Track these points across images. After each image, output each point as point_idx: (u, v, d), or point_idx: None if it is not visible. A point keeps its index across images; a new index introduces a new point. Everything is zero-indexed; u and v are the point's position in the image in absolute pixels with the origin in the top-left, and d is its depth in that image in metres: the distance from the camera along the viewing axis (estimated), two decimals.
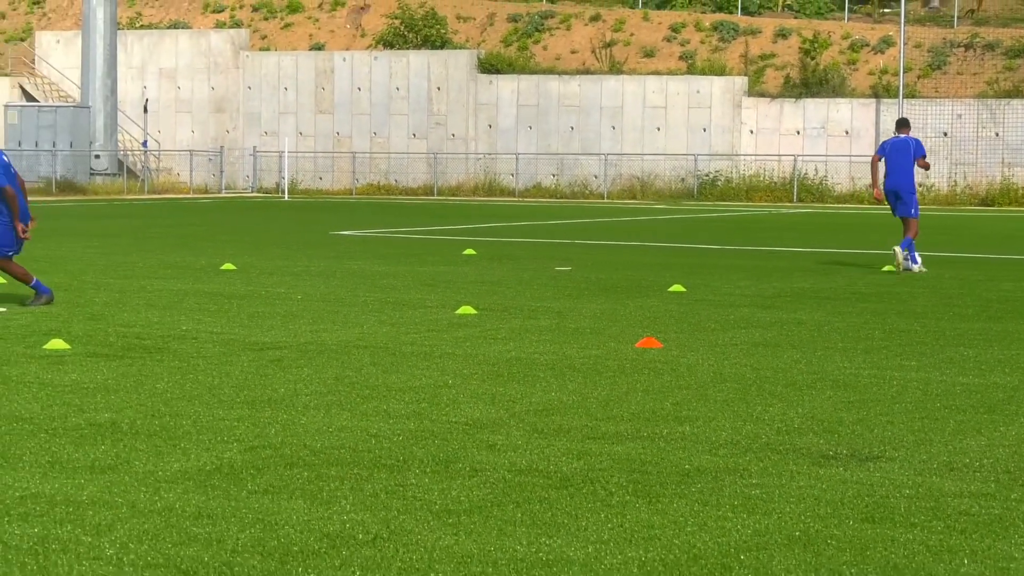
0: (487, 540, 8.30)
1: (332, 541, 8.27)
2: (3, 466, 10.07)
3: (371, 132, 63.99)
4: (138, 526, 8.53)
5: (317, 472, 9.98)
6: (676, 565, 7.83)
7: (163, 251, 30.62)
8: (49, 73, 65.50)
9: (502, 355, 15.66)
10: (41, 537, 8.27)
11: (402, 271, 26.02)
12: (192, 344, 16.26)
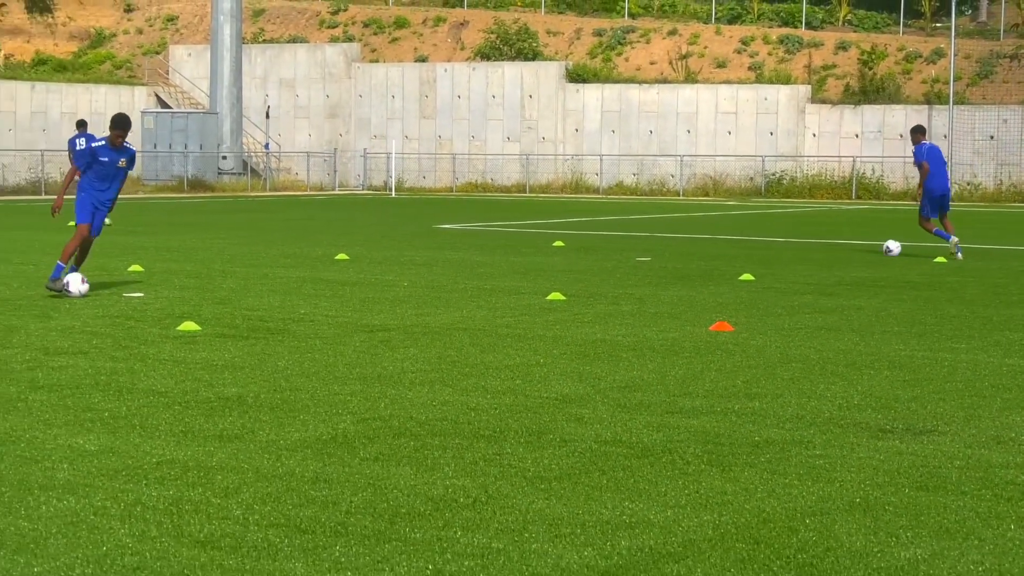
0: (575, 504, 8.29)
1: (436, 504, 8.29)
2: (141, 435, 10.15)
3: (469, 135, 64.04)
4: (262, 489, 8.57)
5: (422, 442, 10.00)
6: (747, 528, 7.81)
7: (283, 242, 30.76)
8: (181, 83, 65.89)
9: (588, 337, 15.64)
10: (175, 498, 8.33)
11: (497, 261, 26.02)
12: (310, 326, 16.33)
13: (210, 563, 7.08)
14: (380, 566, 7.06)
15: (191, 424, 10.55)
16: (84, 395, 11.70)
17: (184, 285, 20.64)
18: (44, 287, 19.07)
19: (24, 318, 16.71)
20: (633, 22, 66.31)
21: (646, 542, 7.53)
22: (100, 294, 19.39)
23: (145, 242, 29.86)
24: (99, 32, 68.45)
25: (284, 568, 7.01)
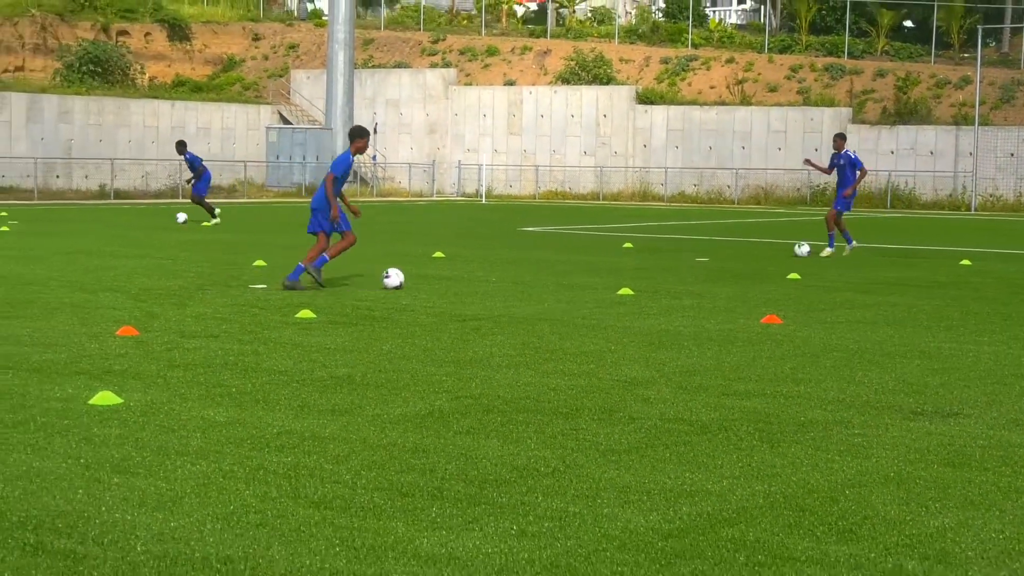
0: (642, 474, 8.27)
1: (520, 472, 8.29)
2: (264, 408, 10.20)
3: (551, 150, 64.02)
4: (368, 457, 8.60)
5: (508, 417, 10.00)
6: (793, 497, 7.76)
7: (388, 242, 30.87)
8: (301, 102, 66.24)
9: (653, 327, 15.59)
10: (293, 464, 8.37)
11: (574, 260, 26.00)
12: (410, 315, 16.36)
13: (323, 521, 7.11)
14: (471, 526, 7.06)
15: (307, 399, 10.60)
16: (215, 373, 11.79)
17: (302, 278, 20.72)
18: (281, 285, 19.19)
19: (164, 306, 16.85)
20: (695, 51, 66.08)
21: (704, 508, 7.51)
22: (230, 286, 19.52)
23: (268, 240, 30.06)
24: (230, 58, 68.90)
25: (387, 527, 7.02)
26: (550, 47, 67.80)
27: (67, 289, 18.60)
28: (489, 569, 6.34)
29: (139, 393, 10.70)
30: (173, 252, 26.03)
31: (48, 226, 34.42)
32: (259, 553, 6.54)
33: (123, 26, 65.64)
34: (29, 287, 18.73)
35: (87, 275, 20.75)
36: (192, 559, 6.42)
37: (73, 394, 10.59)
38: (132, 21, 66.19)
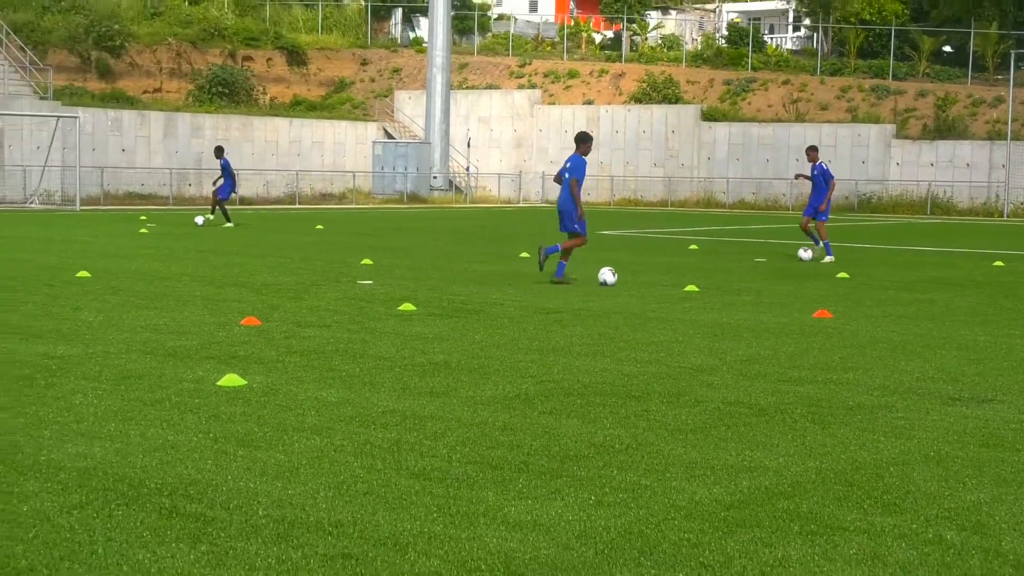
0: (706, 451, 8.25)
1: (597, 448, 8.29)
2: (370, 390, 10.26)
3: (624, 162, 63.85)
4: (462, 434, 8.63)
5: (586, 400, 10.00)
6: (842, 473, 7.71)
7: (479, 243, 30.94)
8: (403, 119, 66.51)
9: (716, 320, 15.52)
10: (396, 440, 8.41)
11: (645, 260, 25.92)
12: (499, 308, 16.39)
13: (422, 490, 7.14)
14: (553, 496, 7.07)
15: (408, 382, 10.65)
16: (327, 358, 11.87)
17: (404, 275, 20.83)
18: (550, 281, 19.65)
19: (283, 299, 16.98)
20: (755, 74, 65.67)
21: (762, 483, 7.47)
22: (340, 282, 19.64)
23: (374, 242, 30.22)
24: (341, 80, 69.30)
25: (479, 496, 7.04)
26: (624, 70, 67.61)
27: (198, 284, 18.80)
28: (570, 534, 6.35)
29: (261, 376, 10.80)
30: (290, 252, 26.24)
31: (181, 229, 34.81)
32: (366, 518, 6.58)
33: (248, 52, 66.18)
34: (165, 282, 18.96)
35: (215, 272, 20.97)
36: (307, 523, 6.48)
37: (203, 376, 10.71)
38: (256, 48, 66.71)
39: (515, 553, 6.04)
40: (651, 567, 5.88)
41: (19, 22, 57.03)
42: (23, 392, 9.85)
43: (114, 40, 60.55)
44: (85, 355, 11.77)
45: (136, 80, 61.47)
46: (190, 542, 6.12)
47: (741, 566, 5.92)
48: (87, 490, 7.01)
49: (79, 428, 8.58)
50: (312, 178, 61.07)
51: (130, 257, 23.71)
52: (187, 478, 7.31)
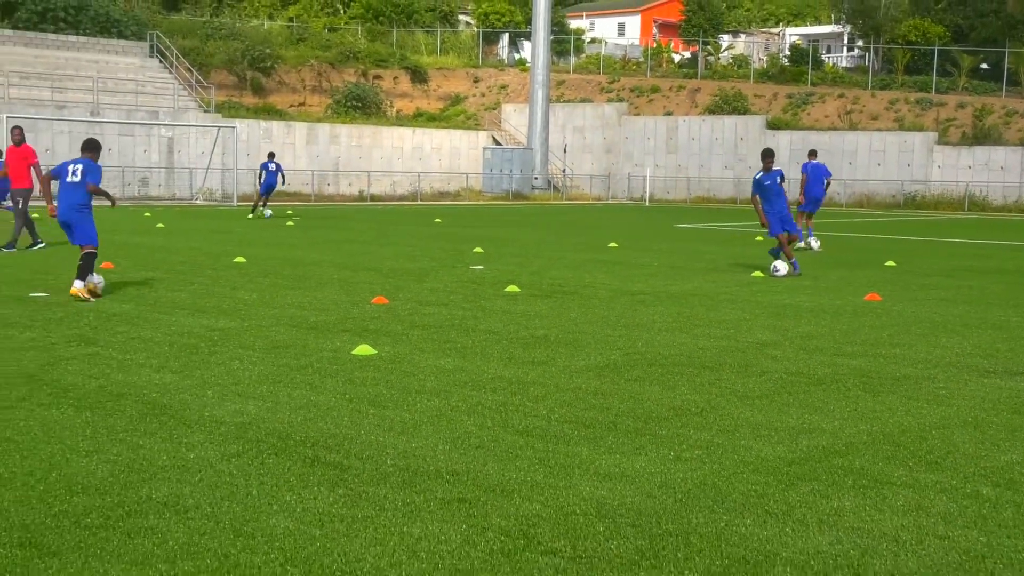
0: (771, 415, 8.17)
1: (676, 411, 8.24)
2: (481, 359, 10.28)
3: (699, 165, 63.28)
4: (559, 398, 8.62)
5: (666, 369, 9.95)
6: (890, 435, 7.60)
7: (574, 235, 30.86)
8: (509, 128, 66.53)
9: (779, 302, 15.34)
10: (503, 402, 8.42)
11: (717, 250, 25.68)
12: (591, 290, 16.35)
13: (526, 446, 7.15)
14: (638, 452, 7.04)
15: (513, 353, 10.66)
16: (445, 332, 11.92)
17: (510, 262, 20.86)
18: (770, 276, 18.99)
19: (407, 281, 17.08)
20: (813, 88, 64.72)
21: (819, 442, 7.39)
22: (455, 267, 19.71)
23: (484, 233, 30.29)
24: (457, 95, 69.47)
25: (574, 451, 7.03)
26: (700, 86, 66.97)
27: (335, 268, 18.98)
28: (652, 485, 6.32)
29: (388, 346, 10.88)
30: (413, 241, 26.39)
31: (321, 222, 35.18)
32: (478, 468, 6.61)
33: (378, 72, 66.54)
34: (308, 267, 19.17)
35: (350, 258, 21.16)
36: (428, 471, 6.52)
37: (340, 346, 10.82)
38: (384, 68, 67.06)
39: (605, 500, 6.03)
40: (723, 514, 5.84)
41: (187, 47, 57.95)
42: (190, 359, 10.03)
43: (266, 62, 61.27)
44: (241, 328, 11.94)
45: (284, 96, 62.14)
46: (329, 486, 6.18)
47: (802, 514, 5.86)
48: (243, 441, 7.12)
49: (236, 389, 8.72)
50: (431, 179, 61.34)
51: (278, 245, 24.01)
52: (326, 432, 7.39)
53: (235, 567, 4.97)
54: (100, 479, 6.24)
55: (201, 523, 5.53)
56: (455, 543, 5.32)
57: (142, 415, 7.78)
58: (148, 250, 21.88)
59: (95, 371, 9.32)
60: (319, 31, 69.58)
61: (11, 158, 20.84)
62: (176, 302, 13.97)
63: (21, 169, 20.77)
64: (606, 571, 5.01)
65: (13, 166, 20.83)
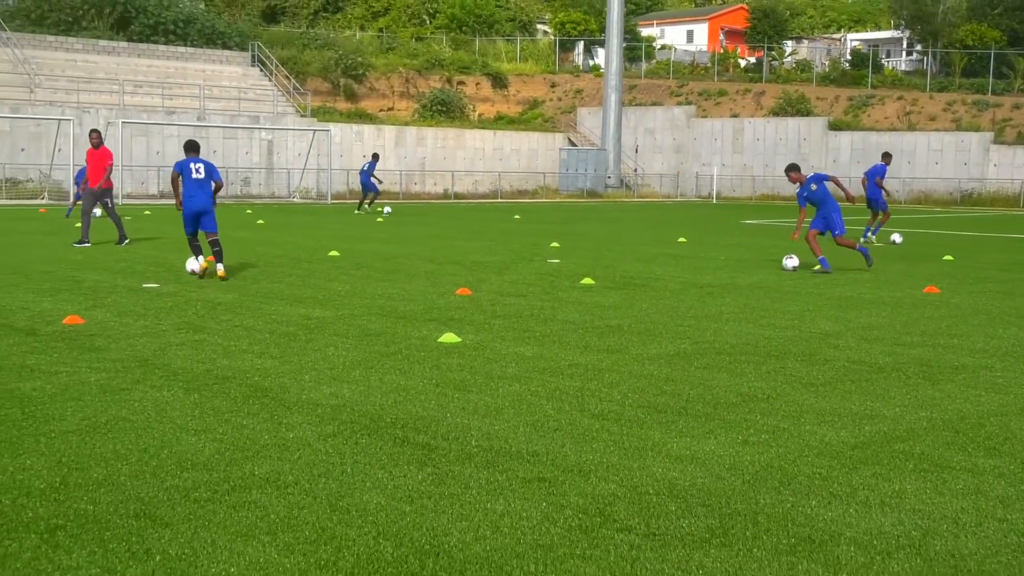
0: (834, 401, 8.05)
1: (743, 397, 8.15)
2: (559, 347, 10.26)
3: (764, 164, 62.54)
4: (632, 384, 8.57)
5: (733, 358, 9.84)
6: (949, 421, 7.46)
7: (644, 230, 30.69)
8: (583, 130, 66.30)
9: (841, 294, 15.12)
10: (579, 388, 8.39)
11: (782, 244, 25.34)
12: (661, 283, 16.24)
13: (601, 428, 7.12)
14: (707, 435, 6.98)
15: (589, 341, 10.63)
16: (523, 321, 11.91)
17: (584, 255, 20.80)
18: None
19: (488, 274, 17.10)
20: (873, 91, 63.66)
21: (881, 428, 7.26)
22: (533, 260, 19.70)
23: (561, 229, 30.24)
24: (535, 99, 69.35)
25: (647, 434, 6.99)
26: (765, 89, 66.18)
27: (422, 261, 19.07)
28: (721, 467, 6.26)
29: (472, 335, 10.90)
30: (494, 236, 26.42)
31: (409, 218, 35.36)
32: (556, 449, 6.59)
33: (461, 78, 66.65)
34: (397, 260, 19.27)
35: (436, 252, 21.24)
36: (509, 452, 6.51)
37: (427, 334, 10.86)
38: (467, 74, 67.16)
39: (677, 481, 5.98)
40: (789, 495, 5.76)
41: (285, 57, 58.54)
42: (289, 345, 10.13)
43: (357, 70, 61.68)
44: (336, 317, 12.04)
45: (374, 101, 62.52)
46: (418, 465, 6.21)
47: (865, 496, 5.77)
48: (338, 422, 7.17)
49: (331, 374, 8.78)
50: (511, 178, 61.35)
51: (370, 240, 24.17)
52: (415, 414, 7.42)
53: (331, 539, 5.01)
54: (207, 456, 6.32)
55: (300, 498, 5.59)
56: (535, 519, 5.31)
57: (245, 397, 7.87)
58: (250, 244, 22.14)
59: (202, 356, 9.45)
60: (407, 41, 69.92)
61: (91, 160, 20.94)
62: (275, 292, 14.13)
63: (99, 170, 20.83)
64: (678, 548, 4.97)
65: (92, 167, 20.91)
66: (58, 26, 54.74)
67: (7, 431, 6.81)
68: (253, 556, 4.79)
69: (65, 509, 5.36)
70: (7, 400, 7.63)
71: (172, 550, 4.85)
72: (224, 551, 4.84)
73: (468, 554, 4.86)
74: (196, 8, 61.92)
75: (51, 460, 6.19)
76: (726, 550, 4.96)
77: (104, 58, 51.72)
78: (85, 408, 7.44)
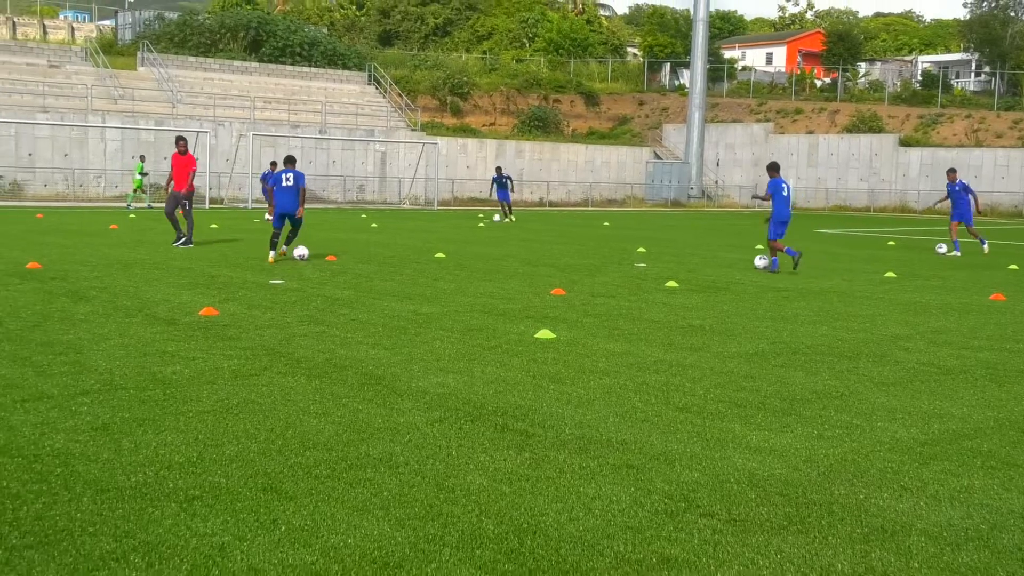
0: (905, 400, 7.86)
1: (818, 395, 8.00)
2: (645, 344, 10.17)
3: (837, 177, 61.40)
4: (714, 380, 8.47)
5: (809, 357, 9.67)
6: (1016, 422, 7.24)
7: (725, 238, 30.33)
8: (668, 145, 65.78)
9: (911, 299, 14.77)
10: (664, 383, 8.31)
11: (854, 252, 24.86)
12: (741, 286, 16.03)
13: (685, 421, 7.04)
14: (784, 429, 6.86)
15: (673, 340, 10.53)
16: (613, 320, 11.84)
17: (669, 260, 20.62)
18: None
19: (581, 276, 17.05)
20: (943, 110, 62.09)
21: (950, 426, 7.07)
22: (621, 264, 19.59)
23: (646, 235, 30.04)
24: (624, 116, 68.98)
25: (728, 427, 6.89)
26: (839, 108, 64.95)
27: (519, 263, 19.08)
28: (798, 459, 6.15)
29: (565, 332, 10.87)
30: (586, 241, 26.34)
31: (507, 224, 35.41)
32: (643, 439, 6.54)
33: (556, 96, 66.59)
34: (496, 261, 19.32)
35: (532, 255, 21.24)
36: (600, 440, 6.48)
37: (524, 331, 10.85)
38: (562, 93, 67.06)
39: (756, 471, 5.89)
40: (862, 487, 5.64)
41: (398, 76, 59.13)
42: (399, 338, 10.20)
43: (463, 88, 62.01)
44: (442, 313, 12.10)
45: (477, 117, 62.79)
46: (517, 450, 6.20)
47: (934, 490, 5.62)
48: (444, 409, 7.20)
49: (438, 365, 8.83)
50: (601, 188, 61.14)
51: (471, 243, 24.27)
52: (514, 404, 7.42)
53: (438, 516, 5.03)
54: (327, 437, 6.40)
55: (410, 477, 5.62)
56: (625, 503, 5.27)
57: (360, 384, 7.95)
58: (364, 246, 22.38)
59: (322, 346, 9.57)
60: (508, 62, 70.11)
61: (176, 165, 20.73)
62: (387, 290, 14.26)
63: (183, 175, 20.62)
64: (757, 533, 4.90)
65: (177, 171, 20.71)
66: (198, 48, 56.04)
67: (151, 410, 6.97)
68: (368, 529, 4.84)
69: (201, 481, 5.47)
70: (150, 383, 7.82)
71: (296, 521, 4.92)
72: (342, 523, 4.89)
73: (563, 533, 4.84)
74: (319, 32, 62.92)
75: (189, 437, 6.32)
76: (803, 537, 4.87)
77: (238, 77, 52.78)
78: (219, 391, 7.58)
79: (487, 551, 4.60)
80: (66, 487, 5.31)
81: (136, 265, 16.67)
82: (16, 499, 5.12)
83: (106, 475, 5.52)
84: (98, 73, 48.09)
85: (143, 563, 4.40)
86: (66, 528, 4.75)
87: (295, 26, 60.21)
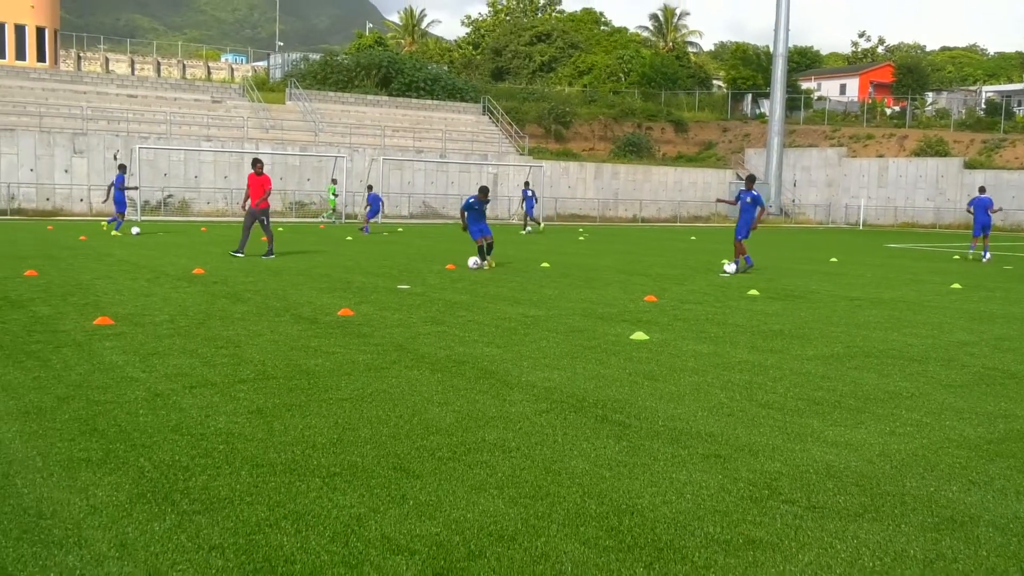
0: (971, 401, 7.58)
1: (889, 394, 7.76)
2: (730, 346, 10.01)
3: (905, 197, 59.63)
4: (793, 380, 8.29)
5: (881, 361, 9.39)
6: None
7: (800, 251, 29.65)
8: (749, 167, 64.74)
9: (975, 309, 14.22)
10: (748, 381, 8.14)
11: (921, 265, 24.09)
12: (817, 296, 15.65)
13: (767, 416, 6.90)
14: (859, 426, 6.67)
15: (756, 343, 10.33)
16: (701, 324, 11.69)
17: (750, 271, 20.24)
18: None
19: (670, 284, 16.86)
20: (1005, 135, 59.77)
21: (1014, 426, 6.79)
22: (707, 273, 19.32)
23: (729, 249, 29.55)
24: (709, 142, 68.16)
25: (805, 423, 6.74)
26: (907, 134, 63.04)
27: (615, 272, 18.97)
28: (872, 453, 5.98)
29: (657, 334, 10.77)
30: (674, 254, 26.06)
31: (605, 237, 35.28)
32: (729, 432, 6.43)
33: (648, 124, 66.10)
34: (595, 271, 19.24)
35: (626, 264, 21.09)
36: (689, 432, 6.39)
37: (620, 333, 10.78)
38: (654, 121, 66.55)
39: (833, 463, 5.74)
40: (933, 480, 5.45)
41: (509, 107, 59.46)
42: (510, 337, 10.23)
43: (566, 117, 62.01)
44: (547, 316, 12.10)
45: (578, 143, 62.70)
46: (615, 439, 6.16)
47: (1001, 485, 5.40)
48: (550, 401, 7.19)
49: (544, 361, 8.83)
50: (688, 206, 60.43)
51: (573, 254, 24.22)
52: (612, 397, 7.38)
53: (546, 496, 5.02)
54: (448, 424, 6.45)
55: (521, 461, 5.63)
56: (713, 489, 5.19)
57: (477, 377, 8.00)
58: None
59: (443, 344, 9.65)
60: (606, 94, 69.89)
61: (252, 184, 20.32)
62: (499, 295, 14.32)
63: (259, 193, 20.23)
64: (835, 520, 4.77)
65: (253, 190, 20.31)
66: (337, 84, 57.29)
67: (297, 397, 7.12)
68: (484, 506, 4.86)
69: (340, 460, 5.57)
70: (297, 373, 7.99)
71: (422, 497, 4.97)
72: (462, 500, 4.93)
73: (657, 514, 4.79)
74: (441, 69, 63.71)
75: (330, 421, 6.44)
76: (877, 524, 4.73)
77: (370, 109, 53.73)
78: (355, 382, 7.71)
79: (590, 528, 4.58)
80: (227, 462, 5.46)
81: (284, 272, 17.07)
82: (186, 471, 5.28)
83: (261, 452, 5.66)
84: (253, 107, 49.53)
85: (292, 529, 4.50)
86: (228, 497, 4.89)
87: (420, 64, 61.15)
